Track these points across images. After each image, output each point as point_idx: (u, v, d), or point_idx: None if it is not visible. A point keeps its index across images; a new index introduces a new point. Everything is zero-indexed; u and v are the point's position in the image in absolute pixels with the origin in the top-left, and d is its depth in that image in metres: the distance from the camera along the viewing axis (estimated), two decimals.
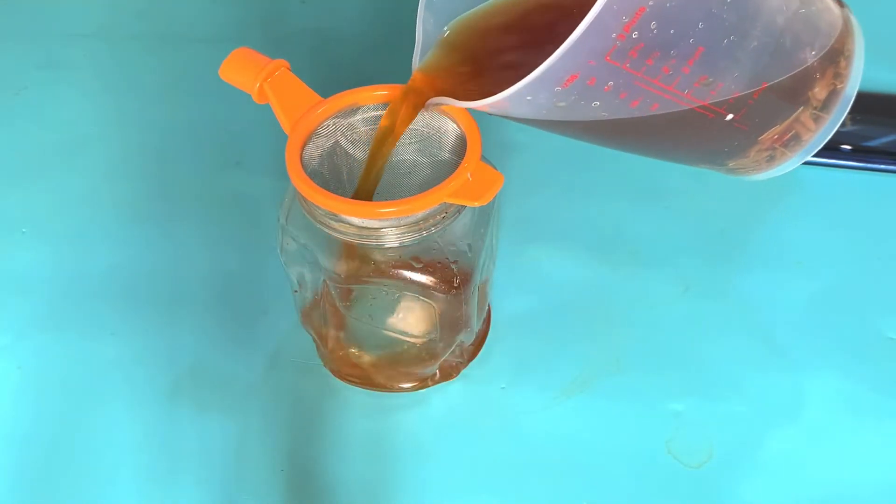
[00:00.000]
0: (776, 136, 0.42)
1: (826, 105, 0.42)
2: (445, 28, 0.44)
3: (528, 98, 0.35)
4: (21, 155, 0.63)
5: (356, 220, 0.41)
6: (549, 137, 0.62)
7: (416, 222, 0.41)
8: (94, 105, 0.66)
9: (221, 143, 0.63)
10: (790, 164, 0.44)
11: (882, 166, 0.60)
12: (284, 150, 0.42)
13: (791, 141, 0.43)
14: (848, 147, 0.61)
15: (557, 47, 0.32)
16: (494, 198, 0.46)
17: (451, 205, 0.42)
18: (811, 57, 0.40)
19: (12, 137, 0.64)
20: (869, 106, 0.63)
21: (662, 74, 0.35)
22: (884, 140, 0.61)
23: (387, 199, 0.42)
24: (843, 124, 0.62)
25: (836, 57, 0.42)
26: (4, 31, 0.72)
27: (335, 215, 0.41)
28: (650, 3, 0.32)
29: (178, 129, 0.64)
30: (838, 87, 0.42)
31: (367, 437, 0.48)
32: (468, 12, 0.44)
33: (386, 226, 0.41)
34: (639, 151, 0.45)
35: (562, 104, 0.35)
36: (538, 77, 0.33)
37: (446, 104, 0.39)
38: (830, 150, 0.61)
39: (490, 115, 0.38)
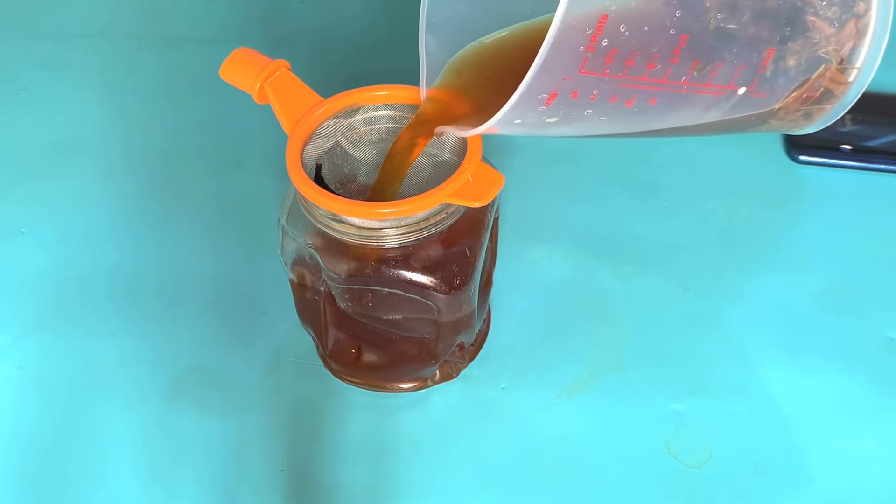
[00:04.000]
0: (804, 96, 0.40)
1: (852, 56, 0.39)
2: (454, 57, 0.43)
3: (517, 121, 0.34)
4: (21, 155, 0.63)
5: (356, 221, 0.41)
6: (549, 138, 0.62)
7: (417, 223, 0.41)
8: (95, 105, 0.66)
9: (221, 143, 0.63)
10: (831, 116, 0.41)
11: (882, 166, 0.60)
12: (284, 150, 0.42)
13: (824, 96, 0.40)
14: (848, 147, 0.61)
15: None
16: (495, 198, 0.46)
17: (452, 205, 0.42)
18: (822, 9, 0.38)
19: (12, 137, 0.64)
20: (869, 106, 0.63)
21: (649, 71, 0.34)
22: (884, 140, 0.61)
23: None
24: (843, 124, 0.63)
25: (852, 4, 0.39)
26: (4, 30, 0.72)
27: (335, 216, 0.41)
28: (612, 8, 0.31)
29: (178, 129, 0.64)
30: (863, 34, 0.39)
31: (367, 437, 0.48)
32: (477, 42, 0.44)
33: (386, 226, 0.41)
34: (659, 135, 0.43)
35: (553, 119, 0.35)
36: (513, 106, 0.33)
37: (450, 132, 0.40)
38: (830, 150, 0.61)
39: (510, 135, 0.38)
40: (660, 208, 0.59)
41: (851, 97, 0.41)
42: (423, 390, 0.50)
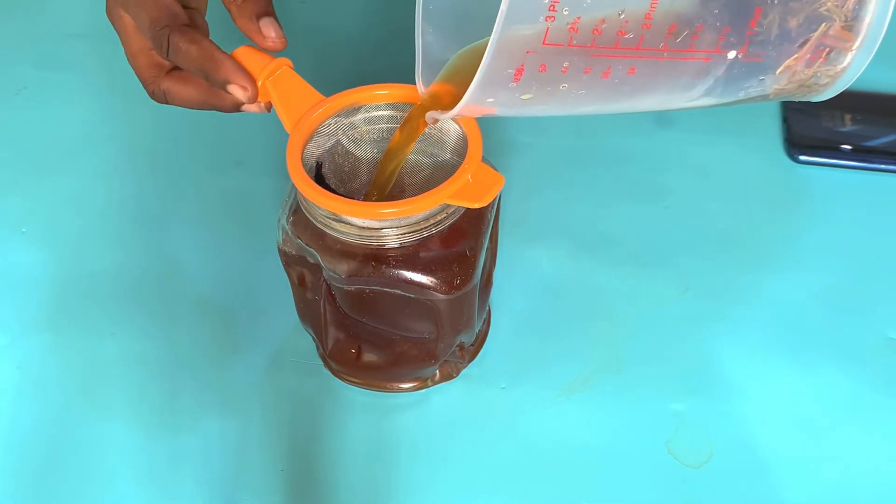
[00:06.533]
0: (808, 56, 0.36)
1: (858, 11, 0.36)
2: (457, 52, 0.42)
3: (490, 100, 0.34)
4: (21, 155, 0.63)
5: (356, 221, 0.41)
6: (549, 137, 0.63)
7: (417, 223, 0.41)
8: (94, 105, 0.66)
9: (221, 143, 0.63)
10: (845, 79, 0.38)
11: (882, 166, 0.60)
12: (285, 150, 0.42)
13: (833, 57, 0.37)
14: (848, 147, 0.61)
15: None
16: (495, 198, 0.46)
17: (452, 206, 0.42)
18: None
19: (12, 137, 0.64)
20: (869, 106, 0.63)
21: (621, 39, 0.32)
22: (884, 140, 0.61)
23: (389, 199, 0.42)
24: (843, 124, 0.63)
25: None
26: (4, 31, 0.72)
27: (335, 216, 0.41)
28: None
29: (178, 130, 0.64)
30: None
31: (367, 437, 0.48)
32: (482, 39, 0.43)
33: (386, 226, 0.41)
34: (658, 108, 0.40)
35: (528, 96, 0.34)
36: (479, 84, 0.32)
37: (437, 117, 0.40)
38: (830, 150, 0.61)
39: (498, 116, 0.38)
40: (660, 208, 0.59)
41: (863, 57, 0.37)
42: (423, 390, 0.50)
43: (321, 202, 0.40)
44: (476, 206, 0.40)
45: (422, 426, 0.49)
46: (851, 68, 0.38)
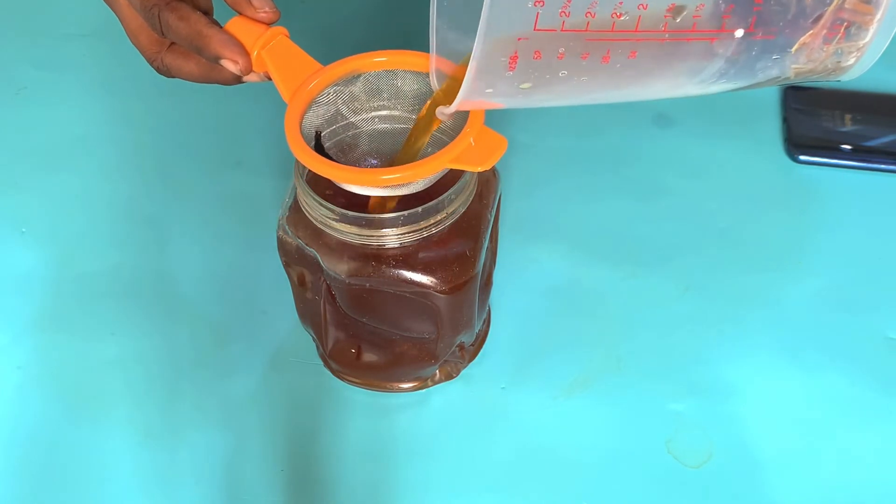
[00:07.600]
0: (826, 32, 0.34)
1: None
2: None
3: (489, 90, 0.33)
4: (20, 155, 0.63)
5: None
6: (549, 137, 0.63)
7: (417, 222, 0.41)
8: (94, 105, 0.66)
9: (221, 143, 0.63)
10: (869, 56, 0.35)
11: (882, 166, 0.60)
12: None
13: (853, 32, 0.35)
14: (848, 147, 0.61)
15: None
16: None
17: (452, 206, 0.42)
18: None
19: (11, 137, 0.64)
20: (869, 106, 0.63)
21: (616, 21, 0.31)
22: (884, 140, 0.61)
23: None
24: (843, 124, 0.63)
25: None
26: (4, 30, 0.72)
27: (335, 217, 0.41)
28: None
29: (178, 129, 0.64)
30: None
31: (367, 437, 0.48)
32: None
33: (386, 226, 0.41)
34: (669, 94, 0.38)
35: (527, 85, 0.33)
36: (473, 76, 0.31)
37: (445, 111, 0.39)
38: (830, 150, 0.61)
39: (507, 108, 0.37)
40: (660, 208, 0.59)
41: (887, 31, 0.34)
42: (423, 390, 0.50)
43: (318, 168, 0.39)
44: (479, 169, 0.39)
45: (422, 426, 0.49)
46: (875, 44, 0.35)
